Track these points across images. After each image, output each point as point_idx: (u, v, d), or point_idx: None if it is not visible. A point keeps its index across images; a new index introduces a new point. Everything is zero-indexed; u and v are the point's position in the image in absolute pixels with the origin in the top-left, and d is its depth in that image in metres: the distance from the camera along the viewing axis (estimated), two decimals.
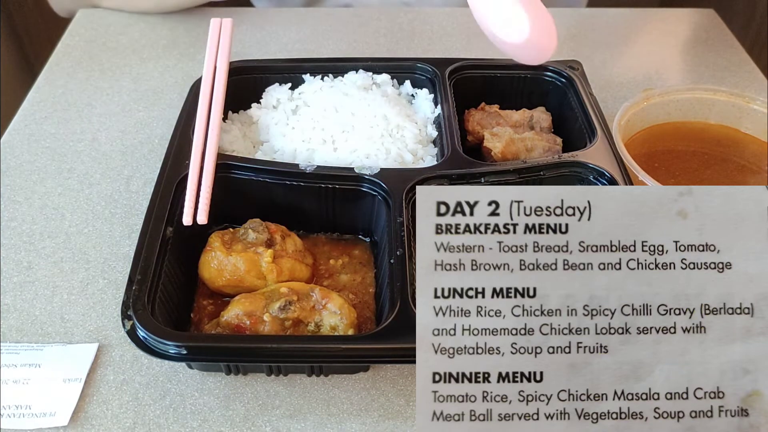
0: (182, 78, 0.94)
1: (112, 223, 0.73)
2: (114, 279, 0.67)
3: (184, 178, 0.65)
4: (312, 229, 0.71)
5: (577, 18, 1.10)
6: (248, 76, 0.80)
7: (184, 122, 0.72)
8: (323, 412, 0.57)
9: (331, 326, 0.57)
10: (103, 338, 0.62)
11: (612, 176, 0.67)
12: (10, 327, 0.63)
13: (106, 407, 0.57)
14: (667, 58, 1.02)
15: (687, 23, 1.10)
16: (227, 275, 0.61)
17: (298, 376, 0.60)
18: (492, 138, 0.74)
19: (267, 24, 1.05)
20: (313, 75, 0.80)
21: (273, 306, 0.57)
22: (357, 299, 0.64)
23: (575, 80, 0.79)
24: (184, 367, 0.60)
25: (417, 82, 0.82)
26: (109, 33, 1.02)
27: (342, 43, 1.02)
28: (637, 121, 0.80)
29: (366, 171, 0.66)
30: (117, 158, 0.81)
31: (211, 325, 0.59)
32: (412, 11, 1.09)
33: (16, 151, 0.82)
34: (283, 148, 0.72)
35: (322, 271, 0.67)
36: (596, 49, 1.02)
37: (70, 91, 0.91)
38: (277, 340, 0.55)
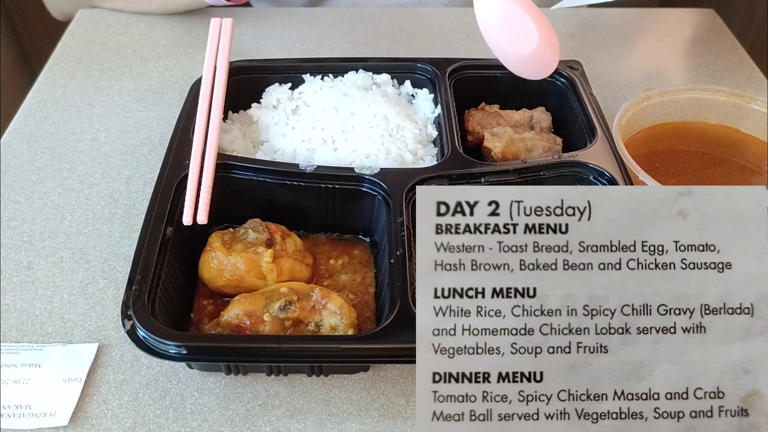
0: (182, 78, 0.94)
1: (112, 223, 0.73)
2: (114, 279, 0.67)
3: (184, 178, 0.65)
4: (312, 229, 0.71)
5: (577, 18, 1.10)
6: (248, 76, 0.80)
7: (184, 122, 0.72)
8: (323, 412, 0.57)
9: (331, 326, 0.57)
10: (103, 338, 0.62)
11: (612, 176, 0.67)
12: (10, 327, 0.63)
13: (106, 407, 0.57)
14: (667, 58, 1.02)
15: (687, 23, 1.10)
16: (227, 275, 0.61)
17: (298, 376, 0.60)
18: (492, 138, 0.74)
19: (267, 24, 1.05)
20: (313, 75, 0.80)
21: (273, 306, 0.57)
22: (357, 299, 0.64)
23: (575, 80, 0.79)
24: (184, 367, 0.60)
25: (417, 82, 0.82)
26: (109, 33, 1.02)
27: (342, 43, 1.02)
28: (637, 121, 0.80)
29: (366, 171, 0.66)
30: (117, 158, 0.81)
31: (211, 325, 0.59)
32: (412, 11, 1.09)
33: (16, 151, 0.82)
34: (283, 148, 0.72)
35: (322, 271, 0.67)
36: (596, 49, 1.02)
37: (70, 91, 0.91)
38: (277, 340, 0.55)
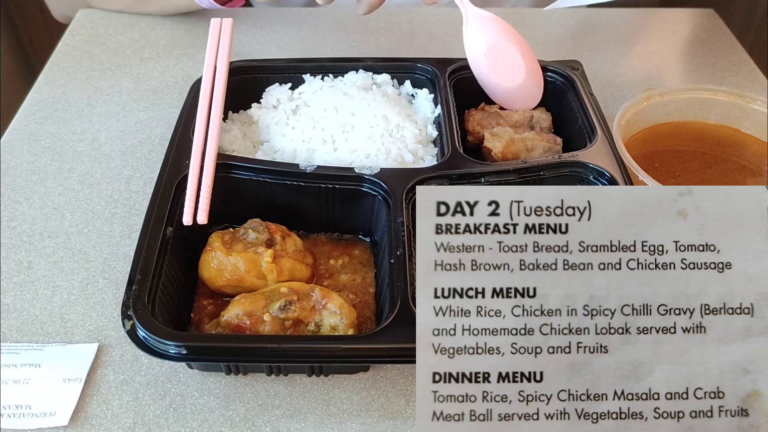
0: (182, 78, 0.94)
1: (112, 223, 0.73)
2: (114, 279, 0.67)
3: (184, 178, 0.65)
4: (312, 229, 0.71)
5: (577, 18, 1.10)
6: (248, 76, 0.80)
7: (184, 122, 0.72)
8: (323, 412, 0.57)
9: (331, 326, 0.57)
10: (103, 338, 0.62)
11: (612, 176, 0.67)
12: (10, 327, 0.63)
13: (106, 407, 0.57)
14: (667, 58, 1.02)
15: (687, 23, 1.10)
16: (227, 275, 0.61)
17: (298, 376, 0.60)
18: (492, 138, 0.74)
19: (267, 24, 1.05)
20: (313, 75, 0.80)
21: (273, 306, 0.57)
22: (357, 299, 0.64)
23: (575, 80, 0.79)
24: (184, 367, 0.60)
25: (417, 82, 0.82)
26: (109, 33, 1.02)
27: (342, 43, 1.02)
28: (637, 121, 0.80)
29: (366, 171, 0.66)
30: (117, 158, 0.81)
31: (211, 325, 0.59)
32: (412, 11, 1.09)
33: (16, 151, 0.82)
34: (283, 148, 0.72)
35: (322, 271, 0.67)
36: (596, 49, 1.02)
37: (70, 91, 0.91)
38: (277, 340, 0.55)
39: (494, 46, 0.76)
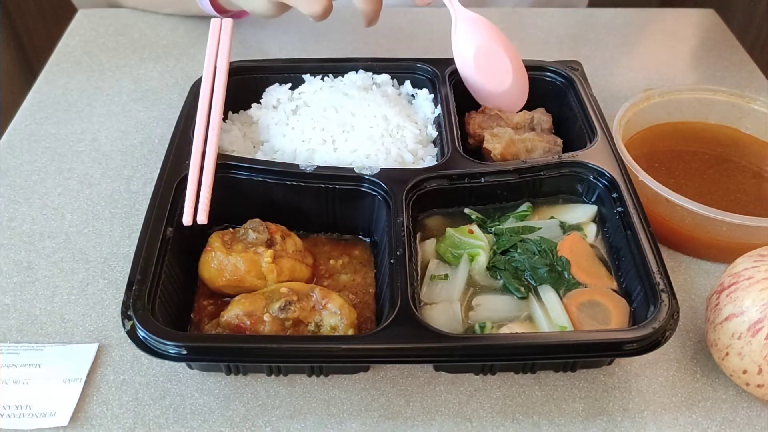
0: (182, 78, 0.94)
1: (112, 223, 0.73)
2: (114, 279, 0.67)
3: (184, 178, 0.65)
4: (312, 229, 0.71)
5: (577, 18, 1.10)
6: (248, 76, 0.80)
7: (184, 122, 0.72)
8: (323, 412, 0.57)
9: (331, 326, 0.57)
10: (103, 338, 0.62)
11: (612, 176, 0.67)
12: (10, 327, 0.63)
13: (106, 407, 0.57)
14: (667, 58, 1.02)
15: (687, 23, 1.10)
16: (227, 275, 0.61)
17: (298, 376, 0.60)
18: (492, 139, 0.74)
19: (267, 24, 1.05)
20: (313, 75, 0.80)
21: (273, 306, 0.57)
22: (357, 299, 0.64)
23: (575, 80, 0.79)
24: (184, 367, 0.60)
25: (417, 82, 0.82)
26: (109, 33, 1.02)
27: (342, 43, 1.02)
28: (637, 121, 0.80)
29: (366, 171, 0.66)
30: (117, 158, 0.81)
31: (211, 325, 0.59)
32: (412, 11, 1.09)
33: (16, 151, 0.82)
34: (283, 148, 0.72)
35: (322, 271, 0.67)
36: (596, 49, 1.02)
37: (70, 91, 0.91)
38: (277, 340, 0.55)
39: (482, 48, 0.75)
